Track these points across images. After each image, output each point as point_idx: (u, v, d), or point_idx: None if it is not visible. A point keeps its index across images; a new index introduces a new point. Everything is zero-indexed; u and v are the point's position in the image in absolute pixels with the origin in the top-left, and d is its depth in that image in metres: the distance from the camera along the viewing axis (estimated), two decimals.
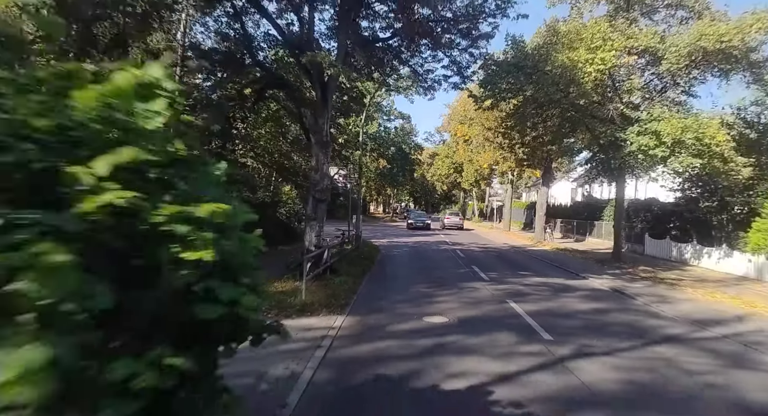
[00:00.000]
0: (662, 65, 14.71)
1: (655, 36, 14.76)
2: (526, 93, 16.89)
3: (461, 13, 12.84)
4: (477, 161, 38.65)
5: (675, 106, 16.42)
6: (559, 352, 6.56)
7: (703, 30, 13.78)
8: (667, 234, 20.74)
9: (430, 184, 70.00)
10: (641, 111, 15.28)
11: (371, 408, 4.67)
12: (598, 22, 15.42)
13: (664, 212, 22.05)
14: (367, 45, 13.58)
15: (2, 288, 0.99)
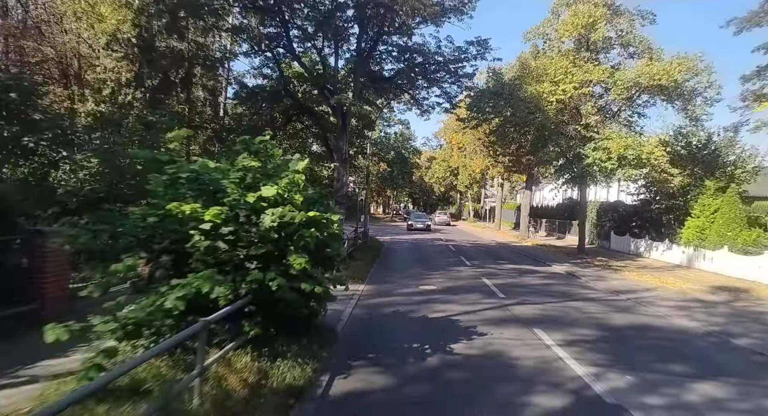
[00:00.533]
0: (610, 95, 18.40)
1: (605, 71, 18.44)
2: (506, 114, 20.55)
3: (449, 58, 16.50)
4: (470, 166, 42.28)
5: (626, 127, 20.04)
6: (505, 302, 10.24)
7: (641, 69, 17.49)
8: (628, 232, 24.42)
9: (428, 186, 73.60)
10: (596, 131, 18.94)
11: (385, 325, 8.29)
12: (560, 60, 19.10)
13: (627, 213, 25.73)
14: (376, 81, 17.25)
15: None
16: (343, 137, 15.36)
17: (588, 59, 19.38)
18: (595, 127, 19.08)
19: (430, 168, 67.22)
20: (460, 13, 15.75)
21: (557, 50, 20.50)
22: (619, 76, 18.25)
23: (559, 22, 20.52)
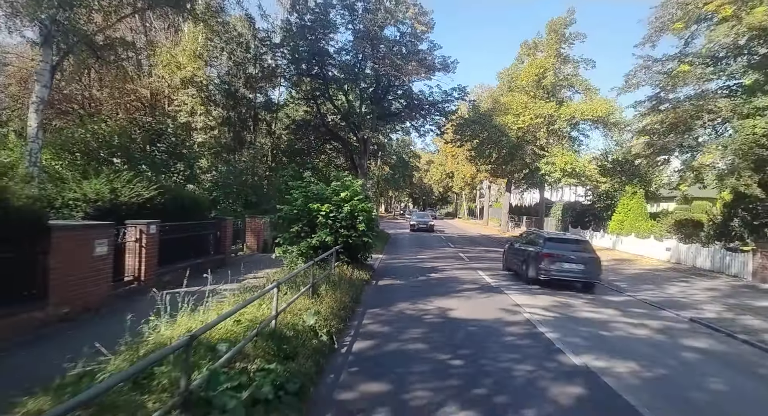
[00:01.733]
0: (556, 124, 25.32)
1: (552, 107, 25.33)
2: (482, 136, 27.47)
3: (438, 100, 23.44)
4: (461, 171, 49.17)
5: (569, 147, 26.93)
6: (469, 263, 17.15)
7: (577, 107, 24.40)
8: (580, 225, 31.35)
9: (428, 187, 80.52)
10: (546, 150, 25.85)
11: (397, 269, 15.19)
12: (521, 96, 26.01)
13: (582, 210, 32.66)
14: (386, 117, 24.17)
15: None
16: (364, 158, 22.22)
17: (542, 97, 26.28)
18: (546, 147, 25.98)
19: (429, 170, 74.07)
20: (446, 70, 22.65)
21: (520, 88, 27.41)
22: (563, 111, 25.17)
23: (522, 68, 27.43)
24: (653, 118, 17.20)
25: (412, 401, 4.73)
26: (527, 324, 8.18)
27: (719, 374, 6.14)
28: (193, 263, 11.33)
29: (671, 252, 19.90)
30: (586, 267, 11.91)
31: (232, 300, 6.80)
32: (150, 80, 27.02)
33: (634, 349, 6.98)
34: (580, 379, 5.54)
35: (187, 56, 26.05)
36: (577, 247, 12.53)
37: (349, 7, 20.72)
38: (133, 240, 9.58)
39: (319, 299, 8.13)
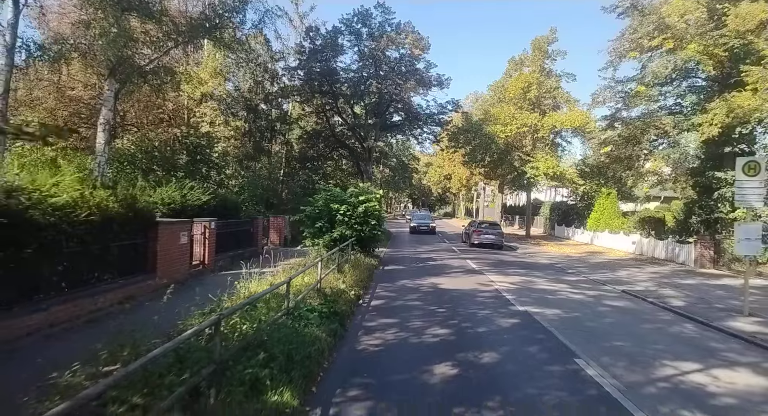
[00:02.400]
0: (539, 133, 28.37)
1: (536, 118, 28.36)
2: (475, 143, 30.48)
3: (434, 112, 26.50)
4: (458, 173, 52.21)
5: (551, 153, 29.94)
6: (460, 254, 20.20)
7: (557, 118, 27.43)
8: (565, 223, 34.41)
9: (427, 188, 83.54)
10: (531, 156, 28.89)
11: (399, 258, 18.24)
12: (508, 108, 29.04)
13: (566, 209, 35.71)
14: (388, 128, 27.23)
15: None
16: (369, 164, 25.27)
17: (527, 108, 29.34)
18: (531, 153, 29.05)
19: (428, 172, 77.09)
20: (440, 86, 25.70)
21: (508, 100, 30.48)
22: (545, 121, 28.21)
23: (510, 81, 30.49)
24: (611, 132, 20.28)
25: (410, 326, 7.77)
26: (495, 292, 11.24)
27: (614, 317, 9.19)
28: (236, 253, 14.45)
29: (636, 246, 22.94)
30: (496, 237, 23.78)
31: (283, 274, 9.81)
32: (174, 95, 30.10)
33: (564, 304, 10.03)
34: (519, 317, 8.61)
35: (208, 72, 29.14)
36: (492, 228, 24.80)
37: (356, 33, 23.78)
38: (199, 234, 12.63)
39: (344, 275, 11.17)
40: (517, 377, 5.48)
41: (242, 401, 3.98)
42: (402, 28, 23.93)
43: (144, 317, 5.68)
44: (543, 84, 29.22)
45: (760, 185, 9.42)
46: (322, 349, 5.86)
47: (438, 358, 6.02)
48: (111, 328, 5.05)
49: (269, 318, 6.12)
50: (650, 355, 6.63)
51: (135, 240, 9.58)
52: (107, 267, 8.62)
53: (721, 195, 17.69)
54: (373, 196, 15.79)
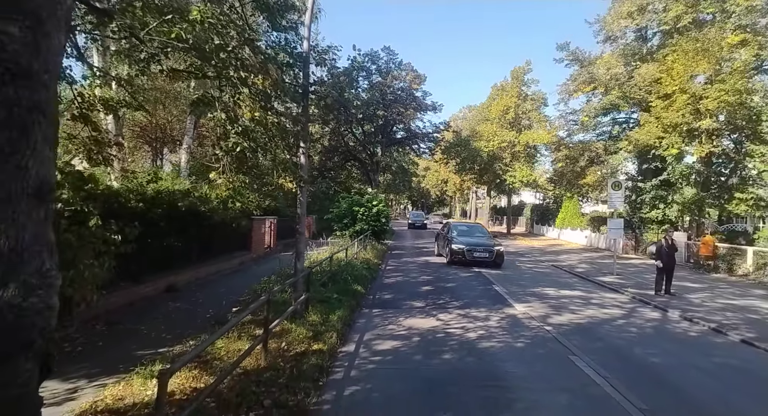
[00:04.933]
0: (515, 147, 34.58)
1: (513, 135, 34.55)
2: (463, 155, 36.67)
3: (430, 131, 32.74)
4: (452, 179, 58.39)
5: (529, 163, 36.12)
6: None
7: (530, 136, 33.61)
8: (541, 222, 40.59)
9: (425, 190, 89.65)
10: (509, 166, 35.09)
11: (402, 247, 24.40)
12: (491, 126, 35.24)
13: (544, 210, 41.92)
14: (392, 143, 33.44)
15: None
16: (376, 173, 31.39)
17: (506, 127, 35.56)
18: (509, 164, 35.28)
19: (426, 176, 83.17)
20: (434, 111, 31.94)
21: (491, 120, 36.72)
22: (521, 138, 34.41)
23: (493, 104, 36.73)
24: (558, 153, 26.46)
25: (409, 275, 13.91)
26: None
27: (531, 274, 15.31)
28: (287, 241, 20.58)
29: (587, 239, 29.11)
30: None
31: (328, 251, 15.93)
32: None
33: (505, 270, 16.16)
34: (474, 273, 14.75)
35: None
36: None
37: (367, 69, 29.95)
38: (268, 227, 18.78)
39: (367, 252, 17.33)
40: (462, 290, 11.63)
41: (343, 285, 10.12)
42: (403, 67, 30.11)
43: (256, 271, 11.85)
44: (520, 106, 35.43)
45: (621, 196, 15.57)
46: (368, 278, 12.04)
47: (423, 285, 12.18)
48: (248, 275, 11.20)
49: (340, 265, 12.29)
50: (533, 286, 12.77)
51: (242, 230, 15.75)
52: (232, 244, 14.81)
53: (642, 200, 23.82)
54: (381, 200, 21.94)
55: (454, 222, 20.90)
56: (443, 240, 18.21)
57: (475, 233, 18.29)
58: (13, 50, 2.36)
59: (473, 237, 17.58)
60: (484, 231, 18.91)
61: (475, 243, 16.69)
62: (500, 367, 5.83)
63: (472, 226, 19.85)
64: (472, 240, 17.00)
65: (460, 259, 16.12)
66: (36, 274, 2.63)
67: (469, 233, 18.12)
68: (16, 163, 2.48)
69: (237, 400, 4.22)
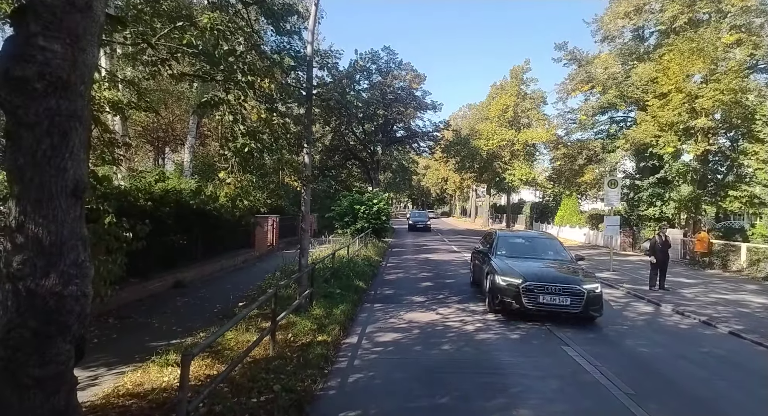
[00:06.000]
0: (515, 146, 34.84)
1: (512, 134, 34.79)
2: (463, 153, 36.93)
3: (430, 130, 32.99)
4: (452, 177, 58.69)
5: (527, 161, 36.40)
6: (447, 241, 26.68)
7: (528, 134, 33.87)
8: (540, 219, 40.85)
9: (425, 188, 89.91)
10: (509, 164, 35.35)
11: (402, 245, 24.69)
12: (490, 125, 35.50)
13: (543, 208, 42.18)
14: (393, 142, 33.69)
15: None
16: (377, 172, 31.65)
17: (505, 126, 35.82)
18: (508, 163, 35.55)
19: (426, 174, 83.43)
20: (434, 110, 32.16)
21: (491, 119, 36.98)
22: (520, 136, 34.67)
23: (492, 103, 36.98)
24: (557, 152, 26.74)
25: (409, 272, 14.20)
26: (463, 260, 17.67)
27: None
28: (289, 240, 20.87)
29: (586, 236, 29.39)
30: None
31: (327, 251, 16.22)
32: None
33: None
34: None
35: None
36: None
37: (367, 70, 30.19)
38: (271, 224, 19.06)
39: (368, 249, 17.62)
40: (461, 286, 11.92)
41: (345, 281, 10.41)
42: (403, 66, 30.39)
43: (260, 268, 12.14)
44: (519, 105, 35.69)
45: (618, 194, 15.85)
46: (369, 274, 12.33)
47: (423, 281, 12.47)
48: (252, 272, 11.48)
49: (342, 262, 12.58)
50: None
51: (246, 228, 16.04)
52: (236, 242, 15.10)
53: (639, 197, 24.08)
54: (382, 199, 22.23)
55: (503, 232, 11.77)
56: (483, 264, 9.99)
57: (540, 252, 10.11)
58: (56, 65, 2.66)
59: (538, 259, 9.57)
60: (557, 249, 10.37)
61: (542, 274, 8.42)
62: (497, 357, 6.12)
63: (533, 239, 11.39)
64: (536, 267, 8.85)
65: (510, 306, 8.12)
66: (73, 265, 2.92)
67: (528, 252, 10.01)
68: (56, 165, 2.77)
69: (249, 385, 4.52)
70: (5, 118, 2.76)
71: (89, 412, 3.84)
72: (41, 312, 2.69)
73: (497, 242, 10.35)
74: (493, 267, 8.88)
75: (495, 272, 8.60)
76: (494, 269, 8.77)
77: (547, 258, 9.78)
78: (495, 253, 9.77)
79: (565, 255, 10.06)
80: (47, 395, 2.74)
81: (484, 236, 12.75)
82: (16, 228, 2.67)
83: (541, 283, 7.96)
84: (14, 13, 2.78)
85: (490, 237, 11.33)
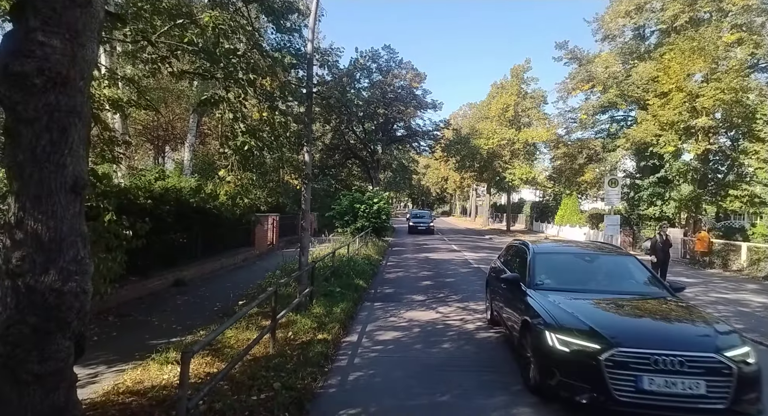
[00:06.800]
0: (515, 145, 34.80)
1: (512, 133, 34.75)
2: (463, 153, 36.89)
3: (430, 129, 32.95)
4: (453, 176, 58.63)
5: (528, 161, 36.36)
6: (446, 240, 26.66)
7: (528, 134, 33.82)
8: (541, 219, 40.83)
9: (426, 188, 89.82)
10: (509, 163, 35.31)
11: (403, 244, 24.68)
12: (490, 124, 35.46)
13: (543, 207, 42.17)
14: (393, 141, 33.66)
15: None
16: (377, 171, 31.62)
17: (506, 125, 35.78)
18: (509, 162, 35.52)
19: (426, 173, 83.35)
20: (435, 109, 32.12)
21: (491, 118, 36.94)
22: (520, 136, 34.63)
23: (493, 102, 36.93)
24: (557, 151, 26.72)
25: (409, 271, 14.19)
26: (464, 259, 17.67)
27: None
28: (289, 238, 20.86)
29: (586, 236, 29.35)
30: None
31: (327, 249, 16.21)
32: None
33: None
34: (473, 268, 15.03)
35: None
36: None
37: (368, 69, 30.18)
38: (271, 223, 19.05)
39: (369, 248, 17.61)
40: (461, 285, 11.90)
41: (346, 280, 10.40)
42: (404, 65, 30.39)
43: (260, 267, 12.12)
44: (520, 104, 35.64)
45: (618, 193, 15.84)
46: (369, 273, 12.32)
47: (424, 280, 12.46)
48: (251, 270, 11.45)
49: (342, 261, 12.58)
50: None
51: (246, 226, 16.03)
52: (235, 241, 15.08)
53: (639, 197, 24.05)
54: (382, 198, 22.21)
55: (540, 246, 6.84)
56: (513, 299, 5.96)
57: (611, 279, 6.03)
58: (55, 60, 2.64)
59: (611, 293, 5.50)
60: (636, 271, 6.28)
61: (639, 329, 4.61)
62: (498, 355, 6.11)
63: (592, 256, 6.98)
64: (622, 312, 5.05)
65: (580, 393, 4.13)
66: (73, 262, 2.91)
67: (590, 280, 5.94)
68: (56, 161, 2.76)
69: (249, 383, 4.51)
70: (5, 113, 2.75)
71: (89, 409, 3.83)
72: (41, 308, 2.68)
73: (534, 263, 5.97)
74: (537, 312, 4.91)
75: (543, 323, 4.65)
76: (539, 315, 4.83)
77: (626, 291, 5.56)
78: (533, 283, 5.63)
79: (655, 285, 5.82)
80: (47, 391, 2.73)
81: (507, 248, 8.22)
82: (16, 225, 2.66)
83: (644, 351, 4.00)
84: (13, 8, 2.77)
85: (519, 252, 7.07)
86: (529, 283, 5.71)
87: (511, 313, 5.97)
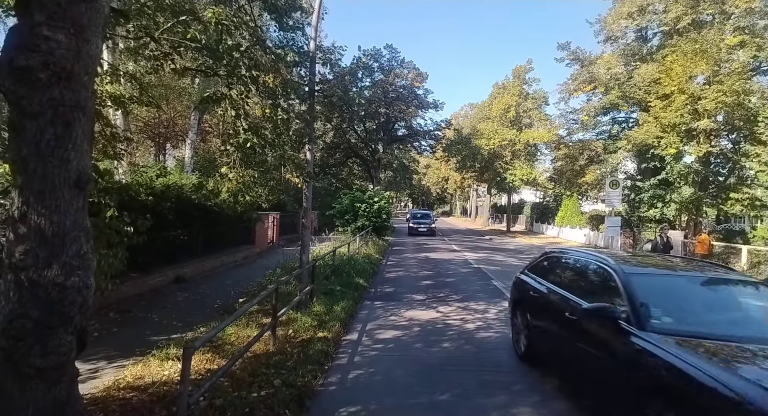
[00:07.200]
0: (516, 146, 34.79)
1: (513, 134, 34.73)
2: (464, 153, 36.87)
3: (431, 129, 32.94)
4: (453, 176, 58.62)
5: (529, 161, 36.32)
6: (447, 240, 26.65)
7: (529, 134, 33.81)
8: (541, 220, 40.80)
9: (426, 188, 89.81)
10: (510, 164, 35.31)
11: (402, 244, 24.68)
12: (491, 125, 35.43)
13: (543, 208, 42.14)
14: (394, 141, 33.64)
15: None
16: (378, 170, 31.62)
17: (507, 125, 35.76)
18: (510, 162, 35.51)
19: (427, 173, 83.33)
20: (436, 109, 32.10)
21: (492, 118, 36.92)
22: (521, 136, 34.61)
23: (494, 102, 36.91)
24: (558, 152, 26.72)
25: (410, 270, 14.19)
26: (465, 259, 17.66)
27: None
28: (289, 237, 20.86)
29: (586, 237, 29.36)
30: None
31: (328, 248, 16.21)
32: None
33: (500, 264, 16.44)
34: (473, 268, 15.02)
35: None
36: None
37: (369, 68, 30.17)
38: (271, 221, 19.05)
39: (369, 248, 17.61)
40: (461, 285, 11.91)
41: (346, 279, 10.40)
42: (405, 65, 30.41)
43: (260, 265, 12.11)
44: (521, 105, 35.62)
45: (619, 194, 15.83)
46: (370, 272, 12.32)
47: (424, 279, 12.46)
48: (252, 268, 11.45)
49: (343, 259, 12.58)
50: None
51: (247, 224, 16.03)
52: (236, 239, 15.09)
53: (640, 199, 24.04)
54: (383, 197, 22.21)
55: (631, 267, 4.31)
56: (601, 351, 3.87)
57: (747, 318, 4.05)
58: (59, 55, 2.64)
59: (752, 341, 3.25)
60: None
61: None
62: (498, 355, 6.11)
63: (706, 280, 4.38)
64: None
65: None
66: (76, 256, 2.91)
67: (716, 317, 3.86)
68: (60, 155, 2.76)
69: (249, 380, 4.52)
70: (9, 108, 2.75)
71: (90, 404, 3.84)
72: (43, 302, 2.68)
73: (631, 287, 3.89)
74: (698, 380, 2.75)
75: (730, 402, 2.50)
76: (707, 385, 2.68)
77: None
78: (649, 322, 3.50)
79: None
80: (48, 386, 2.73)
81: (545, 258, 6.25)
82: (19, 219, 2.67)
83: None
84: (19, 2, 2.77)
85: (579, 268, 5.44)
86: (636, 318, 3.57)
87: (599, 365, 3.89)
